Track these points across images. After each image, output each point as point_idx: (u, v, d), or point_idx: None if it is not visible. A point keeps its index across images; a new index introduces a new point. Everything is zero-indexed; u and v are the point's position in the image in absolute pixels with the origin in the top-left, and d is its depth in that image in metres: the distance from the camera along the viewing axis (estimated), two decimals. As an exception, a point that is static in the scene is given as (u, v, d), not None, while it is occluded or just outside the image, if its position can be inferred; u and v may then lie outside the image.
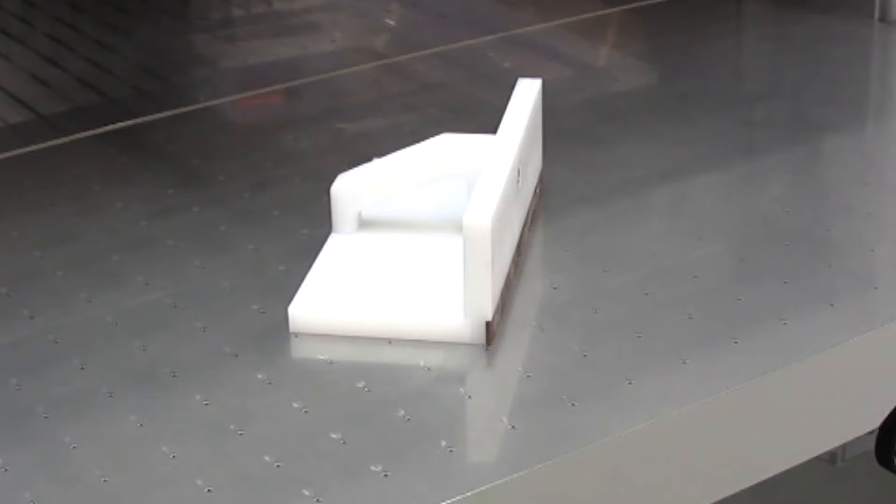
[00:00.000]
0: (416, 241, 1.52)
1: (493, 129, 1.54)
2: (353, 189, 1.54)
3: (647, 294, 1.47)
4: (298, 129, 1.86)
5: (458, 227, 1.37)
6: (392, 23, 2.28)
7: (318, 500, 1.19)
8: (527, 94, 1.61)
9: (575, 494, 1.27)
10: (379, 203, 1.55)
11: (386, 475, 1.22)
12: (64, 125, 1.89)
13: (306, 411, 1.31)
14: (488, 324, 1.39)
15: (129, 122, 1.88)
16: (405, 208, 1.56)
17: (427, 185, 1.55)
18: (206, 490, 1.21)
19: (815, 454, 1.43)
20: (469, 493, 1.20)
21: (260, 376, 1.37)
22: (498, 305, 1.41)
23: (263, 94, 1.98)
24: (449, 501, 1.19)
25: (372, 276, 1.48)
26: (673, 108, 1.90)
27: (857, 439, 1.58)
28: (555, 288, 1.50)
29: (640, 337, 1.40)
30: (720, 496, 1.36)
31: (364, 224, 1.55)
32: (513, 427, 1.29)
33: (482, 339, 1.39)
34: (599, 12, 2.21)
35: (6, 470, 1.24)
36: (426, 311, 1.42)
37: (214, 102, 1.96)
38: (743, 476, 1.38)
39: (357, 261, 1.51)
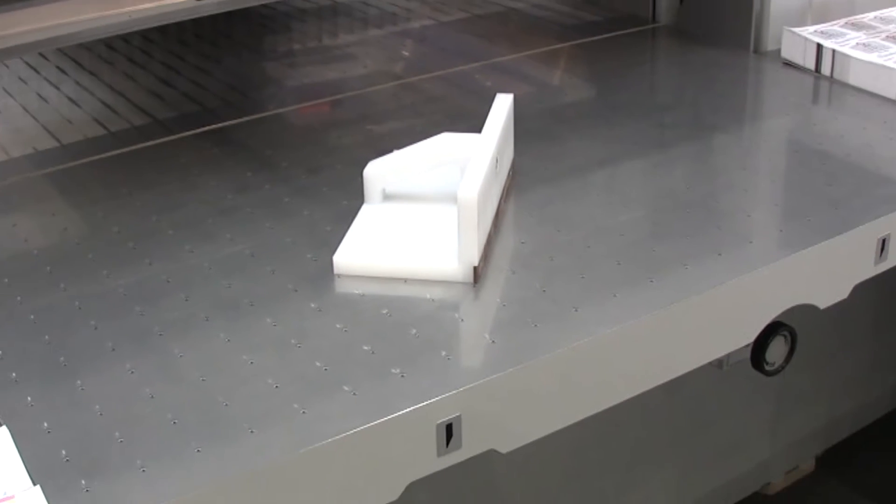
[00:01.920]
0: (423, 209, 1.51)
1: (479, 130, 1.53)
2: (379, 172, 1.53)
3: (588, 247, 1.46)
4: (340, 129, 1.85)
5: (453, 199, 1.36)
6: (406, 53, 2.27)
7: (354, 394, 1.19)
8: (503, 105, 1.60)
9: (537, 389, 1.26)
10: (397, 182, 1.55)
11: (403, 376, 1.21)
12: (173, 127, 1.88)
13: (346, 330, 1.30)
14: (475, 268, 1.38)
15: (220, 125, 1.87)
16: (416, 186, 1.55)
17: (431, 170, 1.54)
18: (275, 386, 1.21)
19: (708, 360, 1.43)
20: (461, 388, 1.20)
21: (312, 305, 1.36)
22: (482, 255, 1.40)
23: (315, 105, 1.97)
24: (448, 394, 1.19)
25: (392, 234, 1.47)
26: (607, 115, 1.89)
27: (737, 350, 1.58)
28: (522, 243, 1.49)
29: (583, 278, 1.39)
30: (641, 390, 1.35)
31: (387, 197, 1.54)
32: (493, 341, 1.29)
33: (471, 279, 1.38)
34: (554, 46, 2.19)
35: (132, 372, 1.24)
36: (431, 258, 1.41)
37: (280, 110, 1.95)
38: (657, 376, 1.37)
39: (382, 223, 1.50)
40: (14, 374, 1.24)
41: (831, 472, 2.17)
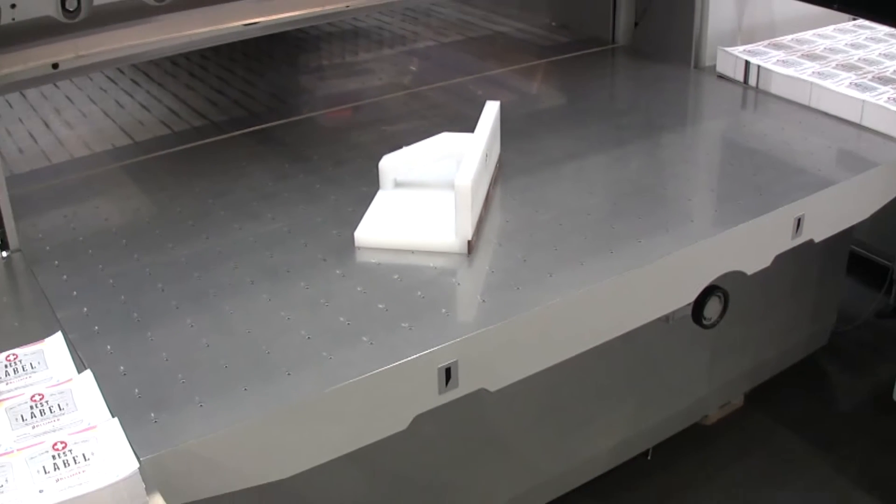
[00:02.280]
0: (427, 194, 1.50)
1: (473, 130, 1.52)
2: (391, 164, 1.52)
3: (560, 225, 1.45)
4: (359, 129, 1.84)
5: (451, 185, 1.35)
6: (413, 68, 2.25)
7: (371, 343, 1.18)
8: (491, 110, 1.59)
9: (519, 339, 1.26)
10: (406, 172, 1.53)
11: (410, 329, 1.21)
12: (224, 127, 1.87)
13: (364, 292, 1.30)
14: (469, 241, 1.37)
15: (262, 126, 1.86)
16: (422, 175, 1.53)
17: (434, 162, 1.53)
18: (307, 337, 1.20)
19: (657, 316, 1.42)
20: (458, 339, 1.19)
21: (338, 272, 1.35)
22: (474, 231, 1.39)
23: (339, 110, 1.96)
24: (447, 343, 1.18)
25: (402, 214, 1.46)
26: (575, 118, 1.88)
27: (681, 308, 1.58)
28: (507, 221, 1.48)
29: (556, 250, 1.38)
30: (603, 340, 1.35)
31: (398, 184, 1.53)
32: (483, 301, 1.28)
33: (465, 250, 1.37)
34: (533, 63, 2.18)
35: (192, 326, 1.24)
36: (433, 233, 1.40)
37: (311, 114, 1.94)
38: (616, 328, 1.37)
39: (393, 206, 1.48)
40: (96, 328, 1.24)
41: (757, 407, 2.18)
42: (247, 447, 1.08)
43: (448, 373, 1.19)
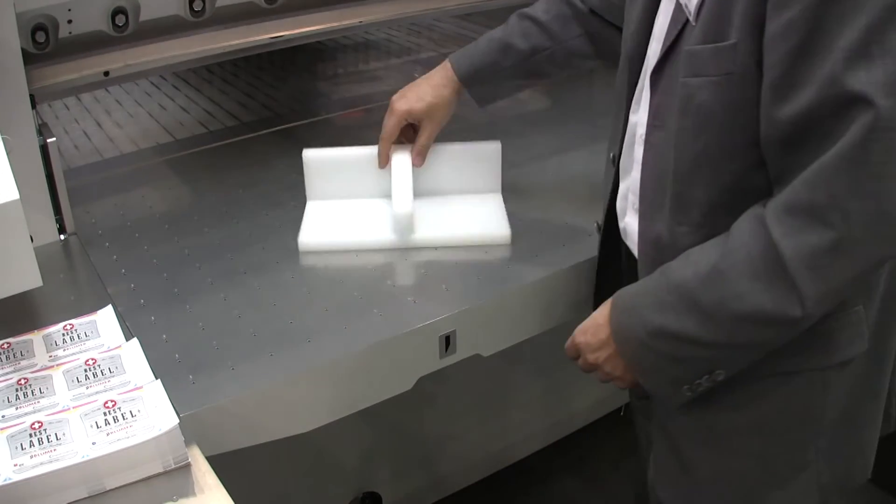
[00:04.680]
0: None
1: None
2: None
3: (546, 212, 1.44)
4: (371, 129, 1.81)
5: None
6: (418, 76, 2.23)
7: (381, 315, 1.18)
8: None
9: (508, 311, 1.25)
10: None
11: (415, 302, 1.20)
12: (254, 127, 1.86)
13: (375, 271, 1.29)
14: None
15: (287, 126, 1.84)
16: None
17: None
18: (325, 310, 1.20)
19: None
20: (456, 311, 1.18)
21: (353, 253, 1.34)
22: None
23: (353, 112, 1.94)
24: (446, 315, 1.17)
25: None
26: (559, 119, 1.86)
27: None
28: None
29: (541, 233, 1.37)
30: (581, 311, 1.34)
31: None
32: (478, 279, 1.27)
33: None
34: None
35: (225, 300, 1.23)
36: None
37: (328, 116, 1.92)
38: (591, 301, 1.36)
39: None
40: (142, 301, 1.23)
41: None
42: (272, 405, 1.08)
43: (447, 340, 1.19)
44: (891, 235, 0.85)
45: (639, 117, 1.07)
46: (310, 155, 1.44)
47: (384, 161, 1.40)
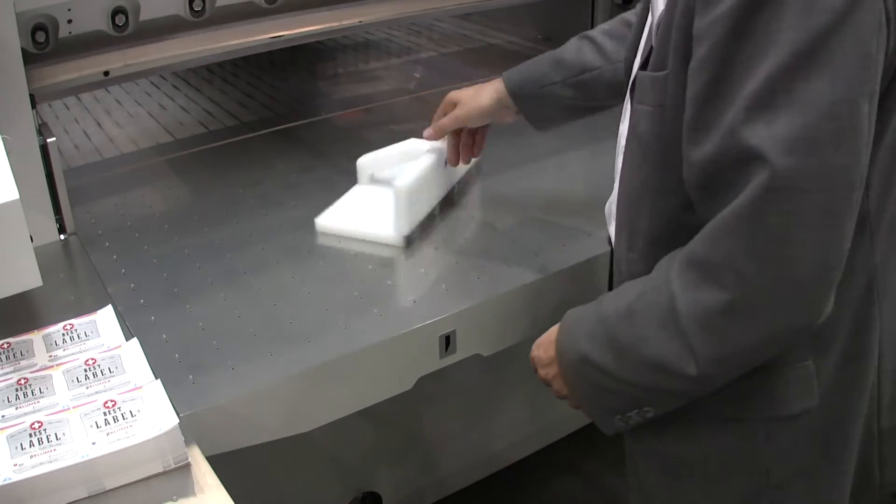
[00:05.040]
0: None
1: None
2: (367, 162, 1.50)
3: (546, 209, 1.44)
4: (371, 129, 1.83)
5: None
6: (418, 76, 2.24)
7: (381, 315, 1.17)
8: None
9: (507, 311, 1.25)
10: (380, 170, 1.51)
11: (414, 302, 1.20)
12: (254, 126, 1.86)
13: (374, 270, 1.29)
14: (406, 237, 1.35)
15: (287, 125, 1.84)
16: (391, 174, 1.48)
17: (399, 163, 1.48)
18: (325, 310, 1.19)
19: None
20: (456, 311, 1.18)
21: (352, 252, 1.34)
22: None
23: (353, 111, 1.95)
24: (446, 314, 1.17)
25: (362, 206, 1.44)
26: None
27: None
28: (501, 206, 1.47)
29: (541, 232, 1.37)
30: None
31: (374, 180, 1.51)
32: (478, 278, 1.27)
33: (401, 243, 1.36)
34: (522, 71, 2.17)
35: (225, 299, 1.23)
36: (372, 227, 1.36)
37: (329, 115, 1.93)
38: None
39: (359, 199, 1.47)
40: (142, 301, 1.23)
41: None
42: (272, 405, 1.08)
43: (448, 340, 1.18)
44: (792, 303, 0.78)
45: (621, 129, 1.04)
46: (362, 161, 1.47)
47: (430, 136, 1.39)
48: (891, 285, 0.90)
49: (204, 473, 0.95)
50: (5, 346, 1.10)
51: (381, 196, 1.43)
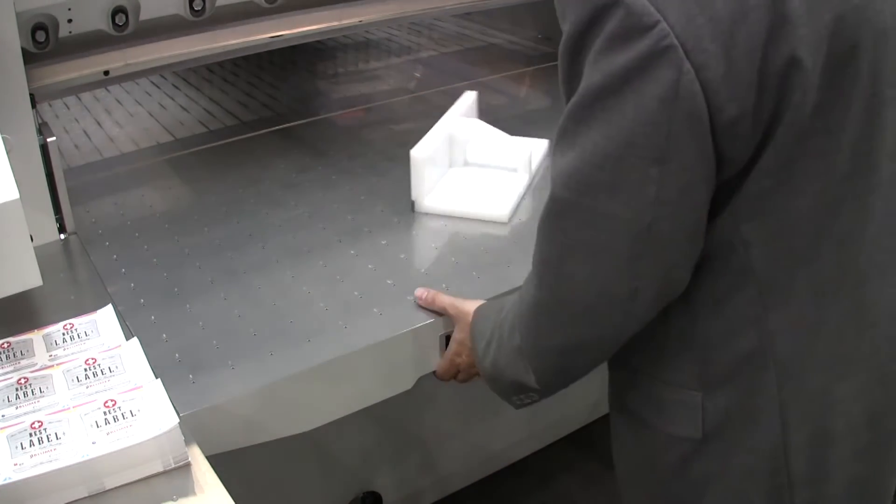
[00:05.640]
0: (476, 172, 1.52)
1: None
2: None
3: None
4: (370, 128, 1.83)
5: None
6: (418, 75, 2.24)
7: (381, 314, 1.18)
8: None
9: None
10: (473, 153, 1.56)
11: (415, 301, 1.20)
12: (254, 126, 1.86)
13: (375, 270, 1.29)
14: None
15: (287, 125, 1.84)
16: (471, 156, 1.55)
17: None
18: (325, 309, 1.19)
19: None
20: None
21: (352, 252, 1.34)
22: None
23: (353, 111, 1.94)
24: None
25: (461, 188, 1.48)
26: (558, 117, 1.86)
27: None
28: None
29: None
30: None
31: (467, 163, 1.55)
32: (478, 277, 1.27)
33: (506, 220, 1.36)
34: (521, 70, 2.16)
35: (225, 299, 1.23)
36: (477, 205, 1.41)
37: (329, 115, 1.92)
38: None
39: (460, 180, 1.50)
40: (142, 300, 1.23)
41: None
42: (273, 405, 1.08)
43: (448, 340, 1.18)
44: (581, 316, 0.89)
45: None
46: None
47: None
48: (792, 362, 0.88)
49: (204, 473, 0.95)
50: (5, 345, 1.09)
51: (481, 177, 1.49)
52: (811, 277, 0.86)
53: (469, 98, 1.60)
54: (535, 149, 1.53)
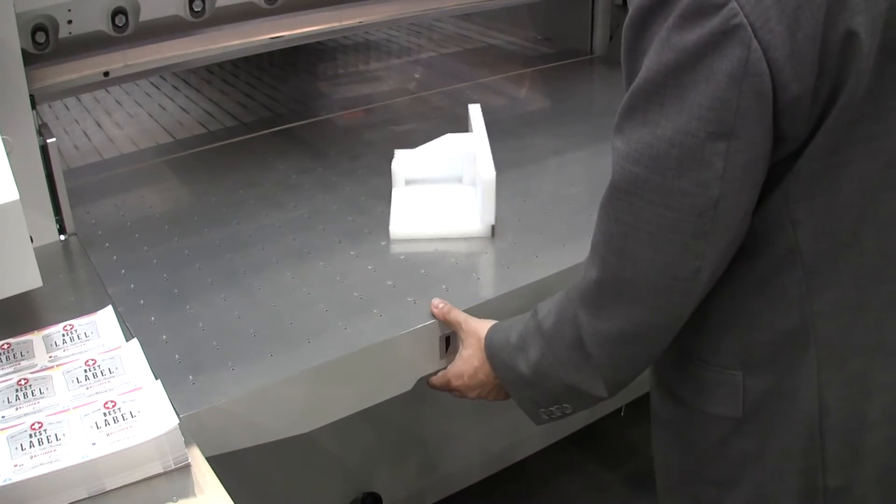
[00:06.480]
0: (440, 188, 1.48)
1: (468, 130, 1.51)
2: (402, 163, 1.50)
3: (545, 212, 1.44)
4: (371, 129, 1.83)
5: (460, 180, 1.39)
6: (418, 76, 2.24)
7: (381, 315, 1.18)
8: (477, 112, 1.55)
9: (508, 313, 1.25)
10: (416, 171, 1.50)
11: (415, 302, 1.20)
12: (254, 127, 1.86)
13: (375, 270, 1.29)
14: (492, 226, 1.36)
15: (287, 126, 1.84)
16: (430, 172, 1.50)
17: (440, 160, 1.49)
18: (325, 310, 1.19)
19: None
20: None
21: (351, 253, 1.34)
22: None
23: (353, 112, 1.95)
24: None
25: (425, 207, 1.43)
26: (558, 119, 1.87)
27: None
28: (498, 210, 1.47)
29: (541, 234, 1.37)
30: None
31: (409, 182, 1.50)
32: (478, 278, 1.27)
33: (489, 234, 1.36)
34: (521, 71, 2.16)
35: (225, 300, 1.23)
36: (458, 222, 1.38)
37: (329, 115, 1.93)
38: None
39: (413, 200, 1.45)
40: (142, 301, 1.23)
41: (635, 415, 2.12)
42: (273, 405, 1.08)
43: (447, 340, 1.18)
44: (645, 298, 0.88)
45: None
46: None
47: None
48: (833, 345, 0.89)
49: (204, 473, 0.95)
50: (5, 346, 1.09)
51: (446, 194, 1.45)
52: (854, 261, 0.87)
53: (478, 111, 1.56)
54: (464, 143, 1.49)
